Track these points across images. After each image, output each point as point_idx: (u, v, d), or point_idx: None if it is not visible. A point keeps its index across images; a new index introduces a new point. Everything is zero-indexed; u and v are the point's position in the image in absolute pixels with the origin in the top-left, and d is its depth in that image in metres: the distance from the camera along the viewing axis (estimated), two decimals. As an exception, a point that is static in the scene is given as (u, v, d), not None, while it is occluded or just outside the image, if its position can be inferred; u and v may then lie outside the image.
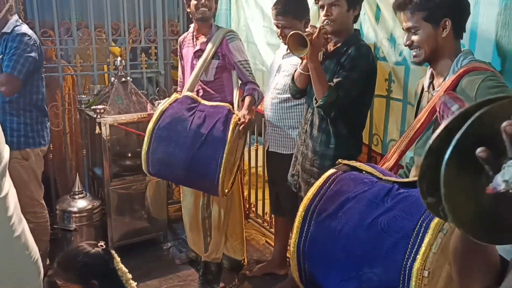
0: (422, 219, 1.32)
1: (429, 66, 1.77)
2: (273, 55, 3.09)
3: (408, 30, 1.70)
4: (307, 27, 2.63)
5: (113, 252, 1.81)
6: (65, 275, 1.75)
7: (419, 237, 1.29)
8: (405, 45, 1.74)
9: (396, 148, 1.69)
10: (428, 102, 1.72)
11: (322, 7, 2.20)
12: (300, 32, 2.03)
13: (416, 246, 1.28)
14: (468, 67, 1.59)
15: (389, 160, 1.70)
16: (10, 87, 2.67)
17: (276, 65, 2.85)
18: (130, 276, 1.79)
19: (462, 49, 1.70)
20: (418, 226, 1.31)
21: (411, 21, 1.67)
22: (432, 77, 1.76)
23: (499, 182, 0.63)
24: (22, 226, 1.32)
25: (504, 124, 0.63)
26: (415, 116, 1.82)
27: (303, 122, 2.43)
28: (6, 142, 1.30)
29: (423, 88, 1.81)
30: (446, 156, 0.67)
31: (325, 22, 2.14)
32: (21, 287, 1.31)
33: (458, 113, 0.70)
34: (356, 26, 2.37)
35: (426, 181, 0.72)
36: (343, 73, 2.16)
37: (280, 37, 2.69)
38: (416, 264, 1.27)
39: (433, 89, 1.73)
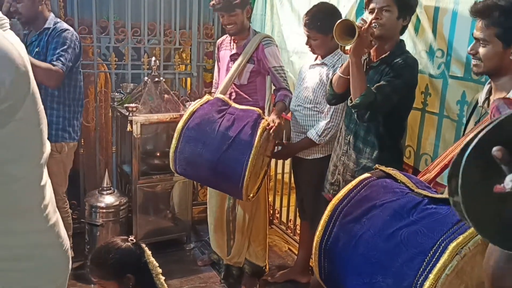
0: (442, 238, 1.31)
1: (488, 82, 1.72)
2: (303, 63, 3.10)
3: (476, 39, 1.64)
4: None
5: (143, 245, 1.83)
6: (100, 272, 1.78)
7: (435, 256, 1.28)
8: (469, 53, 1.69)
9: (440, 161, 1.65)
10: (480, 118, 1.66)
11: (372, 10, 2.16)
12: (351, 20, 1.99)
13: (430, 265, 1.27)
14: None
15: (430, 172, 1.67)
16: (55, 80, 2.74)
17: (303, 74, 2.86)
18: (160, 270, 1.81)
19: None
20: (436, 245, 1.30)
21: (484, 33, 1.60)
22: (489, 93, 1.71)
23: (507, 182, 0.62)
24: (56, 216, 1.36)
25: None
26: (464, 130, 1.76)
27: (344, 132, 2.39)
28: None
29: (476, 103, 1.76)
30: (469, 149, 0.66)
31: (373, 25, 2.10)
32: (50, 275, 1.35)
33: (499, 119, 0.68)
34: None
35: (456, 179, 0.70)
36: (386, 78, 2.12)
37: (307, 45, 2.71)
38: (427, 283, 1.26)
39: (488, 105, 1.68)
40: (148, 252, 1.81)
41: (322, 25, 2.58)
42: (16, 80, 1.08)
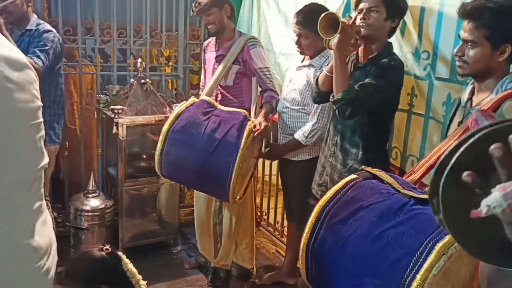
0: (429, 239, 1.31)
1: (471, 82, 1.72)
2: (290, 65, 3.10)
3: (464, 41, 1.63)
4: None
5: (120, 254, 1.79)
6: (72, 284, 1.74)
7: (422, 257, 1.29)
8: (455, 55, 1.68)
9: (425, 162, 1.66)
10: (463, 118, 1.67)
11: (360, 11, 2.16)
12: (336, 14, 1.98)
13: (417, 265, 1.28)
14: None
15: (416, 173, 1.67)
16: None
17: (289, 76, 2.86)
18: (139, 277, 1.77)
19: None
20: (423, 246, 1.31)
21: (472, 35, 1.59)
22: (472, 93, 1.71)
23: (482, 206, 0.63)
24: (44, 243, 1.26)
25: (492, 147, 0.62)
26: (447, 131, 1.77)
27: (331, 133, 2.39)
28: None
29: (458, 104, 1.77)
30: (443, 176, 0.67)
31: (360, 25, 2.10)
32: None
33: (470, 132, 0.68)
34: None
35: (437, 198, 0.70)
36: (370, 77, 2.11)
37: (296, 45, 2.69)
38: (414, 283, 1.27)
39: (471, 106, 1.69)
40: (126, 260, 1.77)
41: (315, 24, 2.58)
42: None
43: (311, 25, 2.57)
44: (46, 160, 1.26)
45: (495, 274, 0.82)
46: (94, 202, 3.18)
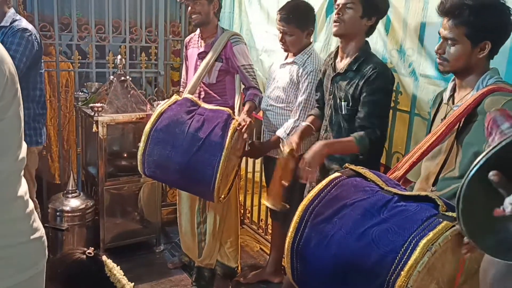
0: (413, 235, 1.31)
1: (452, 79, 1.73)
2: (272, 61, 3.07)
3: (444, 38, 1.64)
4: (310, 37, 2.63)
5: (104, 258, 1.74)
6: (50, 286, 1.69)
7: (407, 254, 1.29)
8: (436, 52, 1.68)
9: (408, 159, 1.67)
10: (446, 115, 1.67)
11: (337, 6, 2.14)
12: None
13: (402, 263, 1.28)
14: (493, 86, 1.56)
15: (399, 170, 1.68)
16: None
17: (273, 74, 2.83)
18: (125, 281, 1.72)
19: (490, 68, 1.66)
20: (407, 243, 1.30)
21: (452, 32, 1.60)
22: (453, 90, 1.72)
23: (506, 205, 0.64)
24: (31, 204, 1.41)
25: None
26: (430, 128, 1.78)
27: (323, 132, 2.38)
28: None
29: (441, 101, 1.78)
30: (471, 173, 0.68)
31: (334, 19, 2.10)
32: (28, 262, 1.38)
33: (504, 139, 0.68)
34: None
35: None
36: (364, 100, 2.10)
37: (281, 42, 2.66)
38: (399, 281, 1.26)
39: (453, 103, 1.70)
40: (111, 265, 1.72)
41: (299, 20, 2.56)
42: (10, 79, 1.16)
43: (296, 21, 2.55)
44: (25, 145, 1.35)
45: (502, 274, 0.81)
46: (74, 202, 3.12)
